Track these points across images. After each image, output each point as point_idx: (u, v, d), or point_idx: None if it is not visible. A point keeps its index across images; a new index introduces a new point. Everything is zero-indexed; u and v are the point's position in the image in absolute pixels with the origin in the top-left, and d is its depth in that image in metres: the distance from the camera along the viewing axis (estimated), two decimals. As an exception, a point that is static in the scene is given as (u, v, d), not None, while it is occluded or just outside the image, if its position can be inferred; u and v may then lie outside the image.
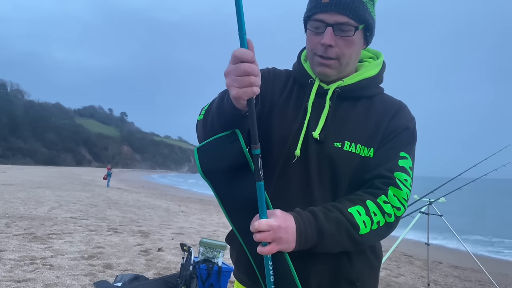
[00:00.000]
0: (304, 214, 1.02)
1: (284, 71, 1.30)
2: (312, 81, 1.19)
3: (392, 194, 1.07)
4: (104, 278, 4.37)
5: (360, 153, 1.11)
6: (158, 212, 12.25)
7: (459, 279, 6.73)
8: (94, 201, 13.83)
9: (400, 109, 1.18)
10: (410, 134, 1.16)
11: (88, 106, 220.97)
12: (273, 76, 1.27)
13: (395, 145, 1.13)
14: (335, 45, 1.09)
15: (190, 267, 3.71)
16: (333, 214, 1.03)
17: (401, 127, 1.14)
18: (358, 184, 1.12)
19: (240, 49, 0.89)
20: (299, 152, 1.12)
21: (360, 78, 1.18)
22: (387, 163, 1.10)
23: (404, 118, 1.17)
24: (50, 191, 16.48)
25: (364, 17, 1.10)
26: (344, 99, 1.17)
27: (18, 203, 10.95)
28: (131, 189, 26.19)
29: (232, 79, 0.91)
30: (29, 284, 4.02)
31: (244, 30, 0.87)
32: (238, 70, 0.89)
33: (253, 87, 0.90)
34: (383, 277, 6.05)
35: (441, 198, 5.50)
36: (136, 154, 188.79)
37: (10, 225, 7.29)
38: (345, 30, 1.09)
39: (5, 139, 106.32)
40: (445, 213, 5.56)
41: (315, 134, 1.12)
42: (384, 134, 1.13)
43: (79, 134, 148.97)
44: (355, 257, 1.12)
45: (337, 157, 1.10)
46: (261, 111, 1.17)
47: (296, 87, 1.23)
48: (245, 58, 0.89)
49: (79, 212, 10.30)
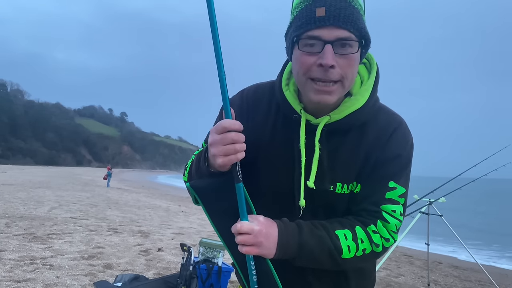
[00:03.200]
0: (289, 225, 1.00)
1: (268, 90, 1.14)
2: (297, 117, 1.04)
3: (381, 225, 1.03)
4: (104, 278, 4.37)
5: (349, 191, 1.07)
6: (158, 212, 12.25)
7: (459, 279, 6.72)
8: (94, 201, 13.83)
9: (394, 133, 1.05)
10: (402, 161, 1.05)
11: (88, 106, 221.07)
12: (252, 106, 1.13)
13: (384, 175, 1.04)
14: (336, 65, 0.93)
15: (190, 267, 3.70)
16: (319, 232, 0.99)
17: (391, 156, 1.04)
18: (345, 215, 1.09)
19: (228, 120, 0.90)
20: (304, 202, 1.05)
21: (349, 111, 1.03)
22: (373, 196, 1.04)
23: (396, 144, 1.05)
24: (50, 191, 16.48)
25: (365, 30, 0.96)
26: (332, 135, 1.04)
27: (18, 203, 10.96)
28: (131, 189, 26.19)
29: (218, 149, 0.90)
30: (29, 284, 4.02)
31: (223, 71, 0.89)
32: (225, 139, 0.89)
33: (238, 154, 0.90)
34: (383, 277, 6.05)
35: (441, 198, 5.49)
36: (136, 154, 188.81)
37: (10, 225, 7.30)
38: (347, 46, 0.93)
39: (5, 139, 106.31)
40: (445, 213, 5.57)
41: (309, 184, 1.03)
42: (374, 165, 1.05)
43: (79, 134, 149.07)
44: (352, 275, 1.13)
45: (330, 200, 1.07)
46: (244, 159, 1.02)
47: (280, 117, 1.10)
48: (233, 128, 0.89)
49: (79, 212, 10.30)
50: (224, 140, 0.89)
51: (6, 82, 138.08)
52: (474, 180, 5.57)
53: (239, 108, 1.11)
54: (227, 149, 0.89)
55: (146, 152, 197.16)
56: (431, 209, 5.50)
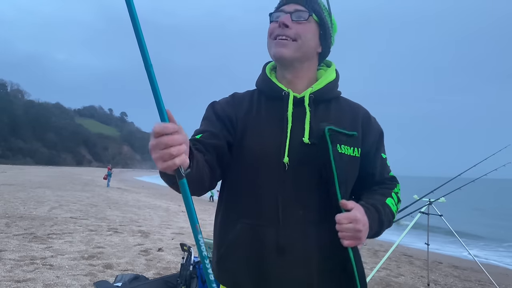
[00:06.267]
0: (371, 209, 1.15)
1: (245, 92, 1.35)
2: (286, 93, 1.23)
3: (399, 188, 1.33)
4: (104, 278, 4.37)
5: (345, 152, 1.18)
6: (158, 212, 12.25)
7: (459, 279, 6.72)
8: (94, 201, 13.83)
9: (367, 112, 1.32)
10: (383, 137, 1.34)
11: (88, 106, 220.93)
12: (236, 100, 1.30)
13: (382, 150, 1.32)
14: (291, 27, 1.20)
15: (190, 267, 3.71)
16: (386, 209, 1.20)
17: (380, 132, 1.32)
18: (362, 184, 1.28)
19: (158, 124, 0.86)
20: (287, 159, 1.15)
21: (327, 81, 1.27)
22: (385, 168, 1.33)
23: (376, 123, 1.33)
24: (50, 191, 16.49)
25: (319, 11, 1.23)
26: (318, 103, 1.24)
27: (18, 203, 10.96)
28: (131, 189, 26.21)
29: (155, 155, 0.88)
30: (29, 284, 4.02)
31: (150, 63, 0.86)
32: (159, 144, 0.86)
33: (175, 159, 0.86)
34: (383, 277, 6.05)
35: (441, 198, 5.49)
36: (136, 154, 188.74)
37: (10, 225, 7.30)
38: (301, 16, 1.21)
39: (5, 139, 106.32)
40: (445, 213, 5.56)
41: (305, 139, 1.17)
42: (367, 137, 1.27)
43: (79, 134, 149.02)
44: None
45: (313, 156, 1.17)
46: (233, 139, 1.22)
47: (263, 101, 1.27)
48: (165, 131, 0.85)
49: (79, 212, 10.30)
50: (158, 145, 0.86)
51: (6, 82, 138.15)
52: (474, 180, 5.57)
53: (225, 102, 1.30)
54: (163, 154, 0.86)
55: (146, 152, 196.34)
56: (431, 209, 5.49)
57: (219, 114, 1.25)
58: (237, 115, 1.24)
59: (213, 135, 1.18)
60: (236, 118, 1.24)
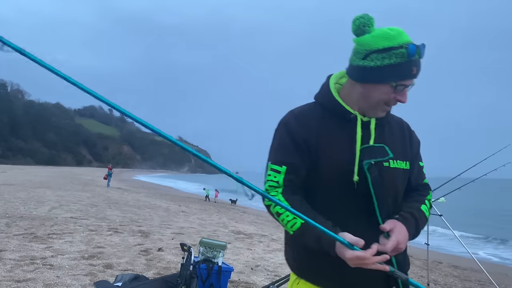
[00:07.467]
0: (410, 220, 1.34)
1: (307, 109, 1.45)
2: (354, 116, 1.39)
3: (431, 195, 1.53)
4: (104, 278, 4.37)
5: (400, 166, 1.41)
6: (158, 212, 12.26)
7: (459, 279, 6.73)
8: (94, 201, 13.83)
9: (408, 125, 1.53)
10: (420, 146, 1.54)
11: (88, 106, 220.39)
12: (305, 121, 1.41)
13: (420, 158, 1.52)
14: None
15: (190, 267, 3.71)
16: (419, 214, 1.39)
17: (418, 143, 1.52)
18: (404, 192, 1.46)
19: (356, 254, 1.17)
20: (357, 178, 1.31)
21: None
22: (421, 175, 1.52)
23: (415, 133, 1.53)
24: (50, 191, 16.49)
25: None
26: (378, 127, 1.41)
27: (18, 203, 10.96)
28: (131, 189, 26.21)
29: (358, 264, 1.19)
30: (29, 284, 4.03)
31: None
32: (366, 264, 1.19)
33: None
34: (383, 277, 6.05)
35: (441, 198, 5.49)
36: (136, 154, 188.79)
37: (10, 225, 7.30)
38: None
39: (6, 139, 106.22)
40: (445, 213, 5.57)
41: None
42: (412, 148, 1.48)
43: (79, 134, 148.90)
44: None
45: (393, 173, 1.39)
46: (310, 163, 1.37)
47: (327, 117, 1.41)
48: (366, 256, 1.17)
49: (79, 212, 10.31)
50: (365, 264, 1.17)
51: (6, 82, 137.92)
52: (474, 180, 5.58)
53: (297, 125, 1.39)
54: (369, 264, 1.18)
55: (146, 152, 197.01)
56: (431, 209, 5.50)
57: (296, 140, 1.37)
58: (311, 138, 1.37)
59: (295, 168, 1.36)
60: (309, 141, 1.37)
